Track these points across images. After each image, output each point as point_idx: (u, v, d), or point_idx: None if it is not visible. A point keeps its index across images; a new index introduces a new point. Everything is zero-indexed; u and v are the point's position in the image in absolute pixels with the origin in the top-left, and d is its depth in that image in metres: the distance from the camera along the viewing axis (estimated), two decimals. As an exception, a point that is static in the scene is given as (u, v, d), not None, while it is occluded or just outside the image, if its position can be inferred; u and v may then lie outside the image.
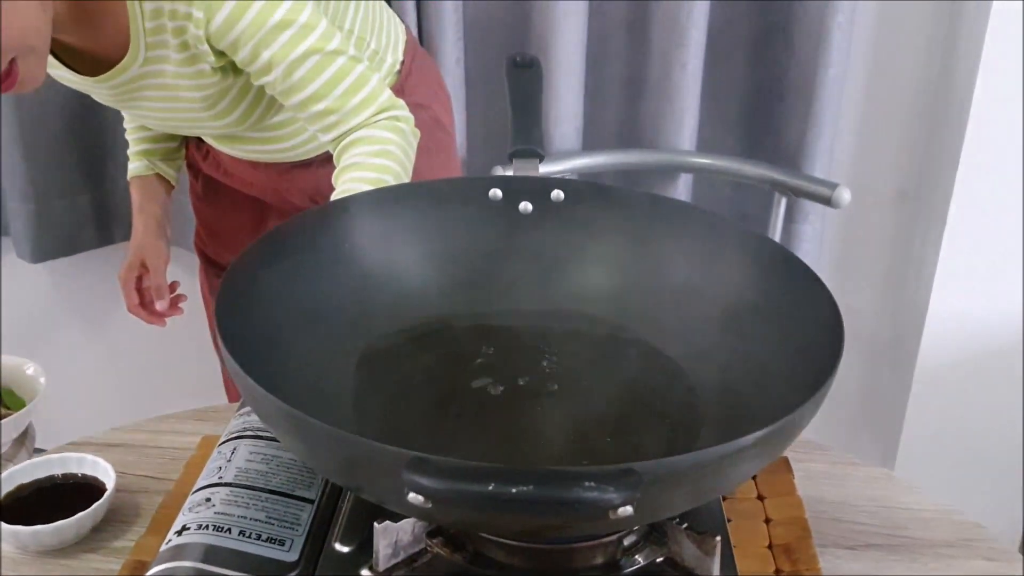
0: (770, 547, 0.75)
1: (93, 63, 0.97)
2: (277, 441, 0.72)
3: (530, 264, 0.83)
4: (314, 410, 0.53)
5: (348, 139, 0.95)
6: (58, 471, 0.80)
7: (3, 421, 1.27)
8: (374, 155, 0.93)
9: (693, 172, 1.54)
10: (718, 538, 0.61)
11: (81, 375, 1.66)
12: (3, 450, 1.30)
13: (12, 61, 0.83)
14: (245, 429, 0.73)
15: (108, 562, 0.74)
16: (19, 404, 1.33)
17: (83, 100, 1.51)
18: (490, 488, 0.46)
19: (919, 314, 1.62)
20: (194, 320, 1.68)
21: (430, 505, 0.49)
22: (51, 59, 0.98)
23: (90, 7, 0.90)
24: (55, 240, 1.59)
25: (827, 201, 1.42)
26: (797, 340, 0.68)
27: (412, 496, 0.49)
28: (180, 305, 1.26)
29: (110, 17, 0.92)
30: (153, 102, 1.01)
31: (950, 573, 0.74)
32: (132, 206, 1.23)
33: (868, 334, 1.74)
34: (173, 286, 1.24)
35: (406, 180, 0.96)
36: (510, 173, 0.84)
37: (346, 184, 0.92)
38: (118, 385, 1.73)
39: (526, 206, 0.83)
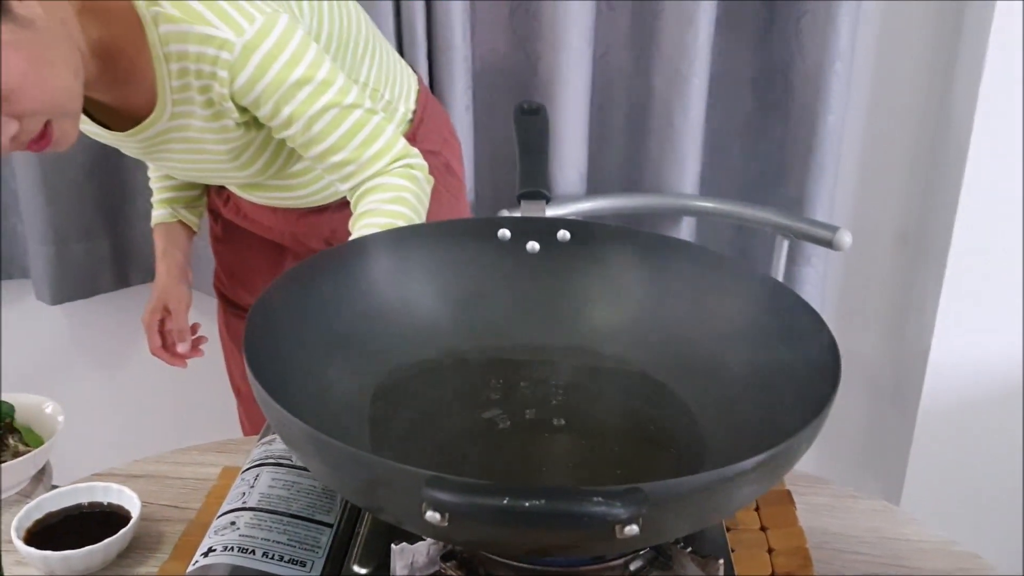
0: (773, 575, 0.78)
1: (121, 119, 1.02)
2: (298, 468, 0.75)
3: (538, 301, 0.87)
4: (334, 436, 0.57)
5: (365, 187, 0.99)
6: (85, 500, 0.83)
7: (22, 458, 1.30)
8: (389, 202, 0.97)
9: (696, 215, 1.58)
10: (721, 561, 0.64)
11: (98, 414, 1.69)
12: (22, 487, 1.33)
13: (47, 123, 0.87)
14: (267, 457, 0.76)
15: (132, 588, 0.77)
16: (37, 442, 1.36)
17: (104, 147, 1.57)
18: (504, 502, 0.49)
19: (921, 356, 1.65)
20: (211, 360, 1.72)
21: (446, 523, 0.52)
22: (82, 115, 1.03)
23: (120, 68, 0.95)
24: (74, 282, 1.63)
25: (828, 244, 1.45)
26: (797, 372, 0.71)
27: (430, 515, 0.52)
28: (201, 348, 1.29)
29: (138, 76, 0.96)
30: (179, 154, 1.06)
31: (947, 600, 0.76)
32: (156, 252, 1.27)
33: (871, 376, 1.77)
34: (194, 328, 1.27)
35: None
36: (518, 215, 0.88)
37: (362, 230, 0.96)
38: (135, 423, 1.76)
39: (533, 245, 0.87)
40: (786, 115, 1.54)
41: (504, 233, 0.87)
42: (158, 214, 1.28)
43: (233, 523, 0.69)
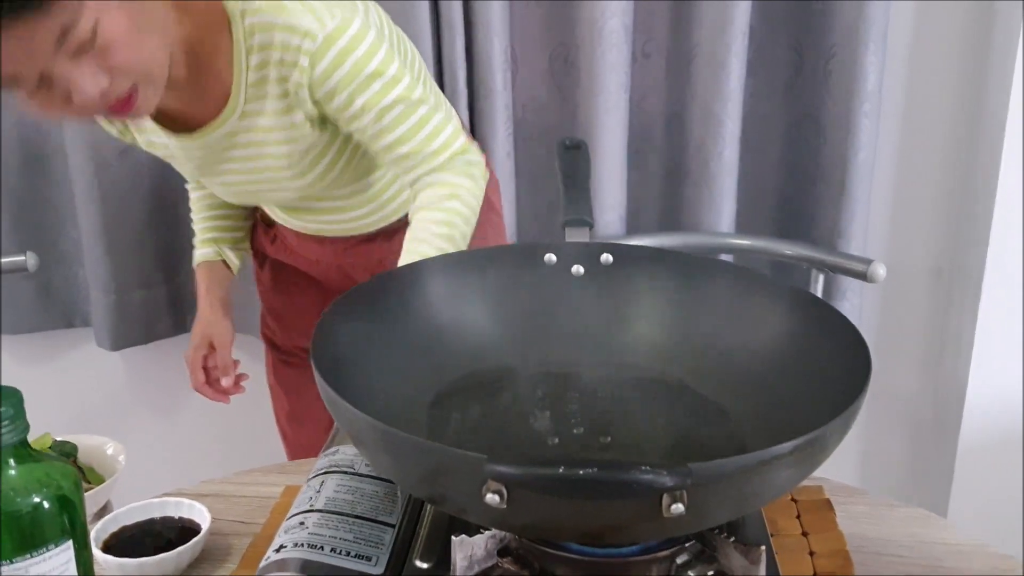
0: (815, 575, 0.81)
1: (186, 127, 1.09)
2: (361, 475, 0.80)
3: (583, 320, 0.92)
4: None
5: (425, 180, 1.07)
6: (158, 514, 0.88)
7: (85, 495, 1.36)
8: (445, 198, 1.05)
9: (733, 252, 1.62)
10: (762, 547, 0.67)
11: (157, 454, 1.74)
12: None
13: (134, 87, 0.94)
14: (331, 466, 0.81)
15: (205, 593, 0.81)
16: (99, 480, 1.42)
17: (162, 197, 1.65)
18: (560, 471, 0.54)
19: (959, 389, 1.66)
20: (260, 402, 1.77)
21: (505, 505, 0.57)
22: (148, 122, 1.10)
23: (197, 68, 1.02)
24: (133, 329, 1.69)
25: (863, 276, 1.48)
26: (829, 374, 0.75)
27: (489, 497, 0.56)
28: (243, 384, 1.34)
29: (212, 78, 1.03)
30: (239, 162, 1.11)
31: (986, 598, 0.78)
32: (199, 290, 1.34)
33: (910, 411, 1.78)
34: (235, 364, 1.33)
35: (473, 221, 1.07)
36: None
37: (418, 224, 1.04)
38: (192, 463, 1.81)
39: (578, 269, 0.92)
40: (817, 155, 1.59)
41: (550, 257, 0.92)
42: (202, 253, 1.35)
43: (302, 523, 0.74)
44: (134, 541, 0.85)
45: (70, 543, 0.65)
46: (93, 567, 0.70)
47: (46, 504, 0.64)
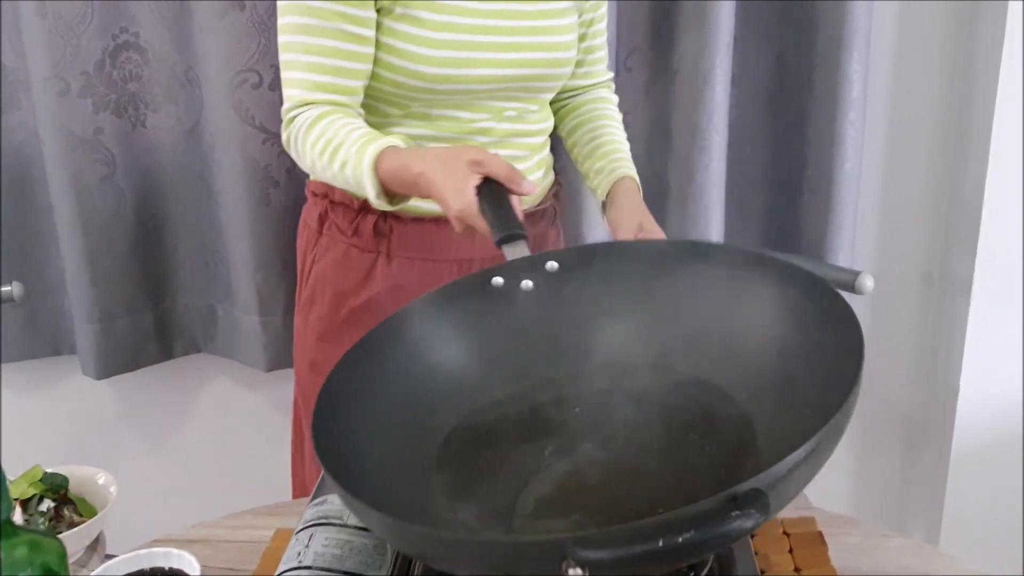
0: (809, 614, 0.80)
1: None
2: (350, 528, 0.79)
3: (550, 333, 0.89)
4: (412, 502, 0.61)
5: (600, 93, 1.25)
6: (146, 565, 0.87)
7: (77, 529, 1.35)
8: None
9: (720, 266, 1.62)
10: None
11: (149, 482, 1.73)
12: (77, 556, 1.37)
13: None
14: (320, 517, 0.80)
15: (195, 648, 0.81)
16: (91, 512, 1.41)
17: (145, 223, 1.64)
18: (659, 544, 0.54)
19: (951, 395, 1.66)
20: (253, 429, 1.77)
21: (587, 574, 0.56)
22: None
23: None
24: (119, 357, 1.67)
25: (851, 288, 1.48)
26: (825, 349, 0.75)
27: (572, 572, 0.56)
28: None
29: None
30: (530, 36, 1.09)
31: (981, 633, 0.78)
32: (406, 171, 0.94)
33: (903, 417, 1.78)
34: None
35: None
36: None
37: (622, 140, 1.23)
38: (184, 491, 1.80)
39: (527, 284, 0.90)
40: (803, 166, 1.59)
41: (497, 281, 0.90)
42: (375, 147, 0.96)
43: (291, 581, 0.73)
44: (124, 596, 0.84)
45: (55, 620, 0.64)
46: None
47: (30, 583, 0.63)
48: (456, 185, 0.89)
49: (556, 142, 1.28)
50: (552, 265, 0.90)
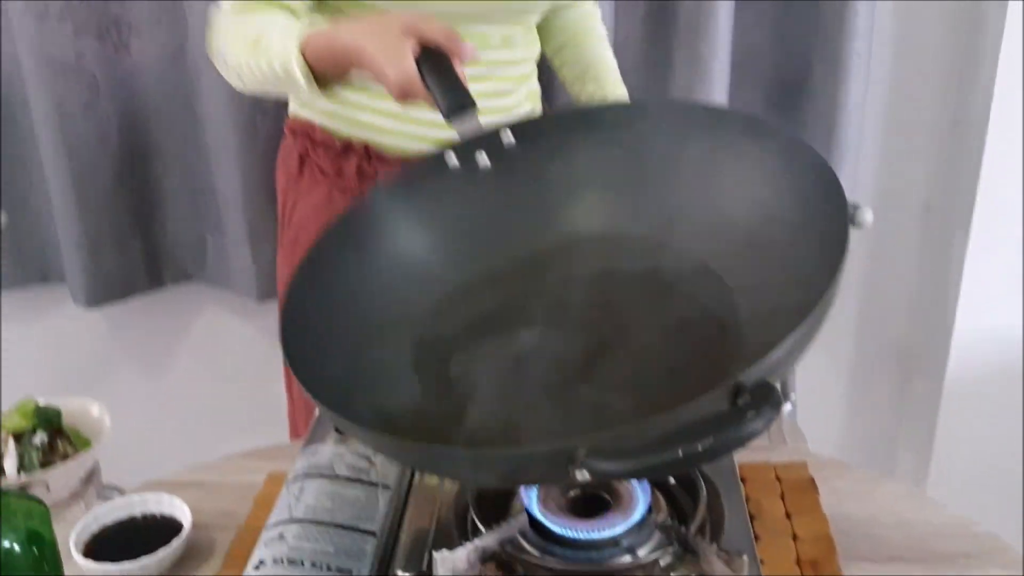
0: (798, 562, 0.81)
1: None
2: (342, 479, 0.79)
3: (514, 211, 0.85)
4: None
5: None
6: (138, 511, 0.88)
7: (72, 462, 1.35)
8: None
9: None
10: (745, 557, 0.67)
11: (142, 413, 1.74)
12: (73, 489, 1.38)
13: None
14: (311, 468, 0.80)
15: (188, 595, 0.81)
16: (85, 444, 1.41)
17: (132, 151, 1.60)
18: (679, 455, 0.53)
19: (947, 327, 1.66)
20: (249, 358, 1.77)
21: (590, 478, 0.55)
22: None
23: None
24: (108, 286, 1.66)
25: (850, 221, 1.46)
26: (809, 230, 0.72)
27: (578, 475, 0.55)
28: None
29: None
30: None
31: (967, 582, 0.79)
32: (333, 43, 0.87)
33: (898, 349, 1.78)
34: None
35: None
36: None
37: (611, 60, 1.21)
38: (179, 421, 1.81)
39: (483, 160, 0.83)
40: (808, 94, 1.55)
41: (451, 160, 0.82)
42: (296, 34, 0.89)
43: (281, 535, 0.73)
44: (115, 542, 0.84)
45: (44, 584, 0.64)
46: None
47: (16, 547, 0.62)
48: (392, 53, 0.80)
49: (543, 72, 1.25)
50: (509, 138, 0.83)
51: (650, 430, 0.55)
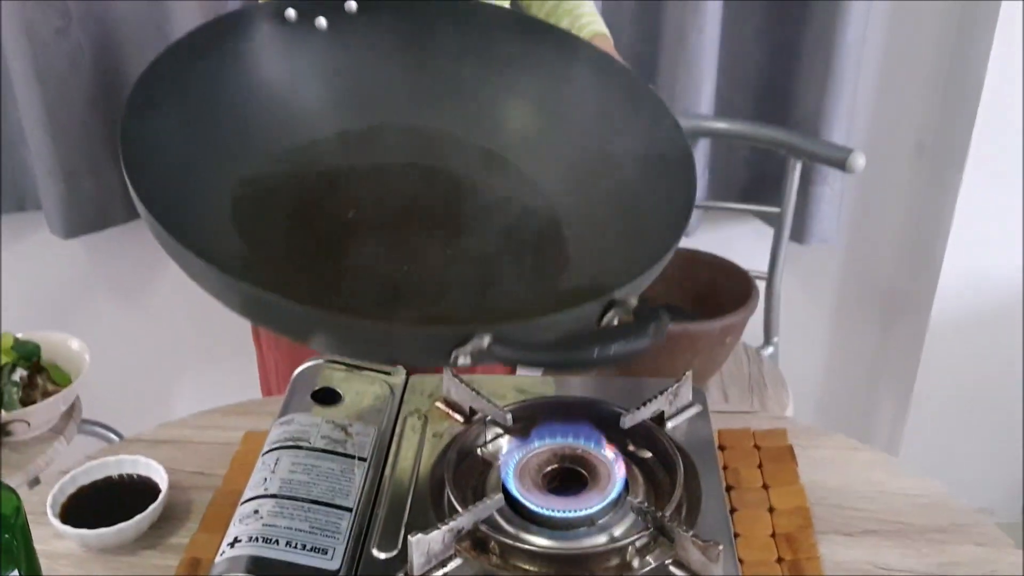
0: (773, 536, 0.81)
1: None
2: (316, 450, 0.78)
3: (340, 84, 0.83)
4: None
5: None
6: (115, 472, 0.87)
7: (52, 398, 1.35)
8: None
9: (709, 136, 1.57)
10: (721, 547, 0.66)
11: (121, 346, 1.73)
12: (53, 424, 1.38)
13: None
14: (286, 439, 0.79)
15: (166, 558, 0.81)
16: (64, 379, 1.41)
17: (106, 79, 1.55)
18: (595, 355, 0.58)
19: (934, 270, 1.65)
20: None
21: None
22: None
23: None
24: (85, 216, 1.63)
25: (842, 166, 1.44)
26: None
27: (461, 360, 0.58)
28: None
29: None
30: None
31: (941, 559, 0.79)
32: None
33: (885, 289, 1.78)
34: None
35: None
36: None
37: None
38: (158, 352, 1.80)
39: (320, 22, 0.81)
40: (804, 30, 1.51)
41: (289, 13, 0.80)
42: None
43: (256, 511, 0.72)
44: (92, 505, 0.84)
45: (15, 573, 0.64)
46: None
47: (-16, 538, 0.62)
48: None
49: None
50: (351, 5, 0.82)
51: (555, 325, 0.60)
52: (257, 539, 0.70)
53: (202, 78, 0.76)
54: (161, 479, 0.85)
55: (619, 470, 0.74)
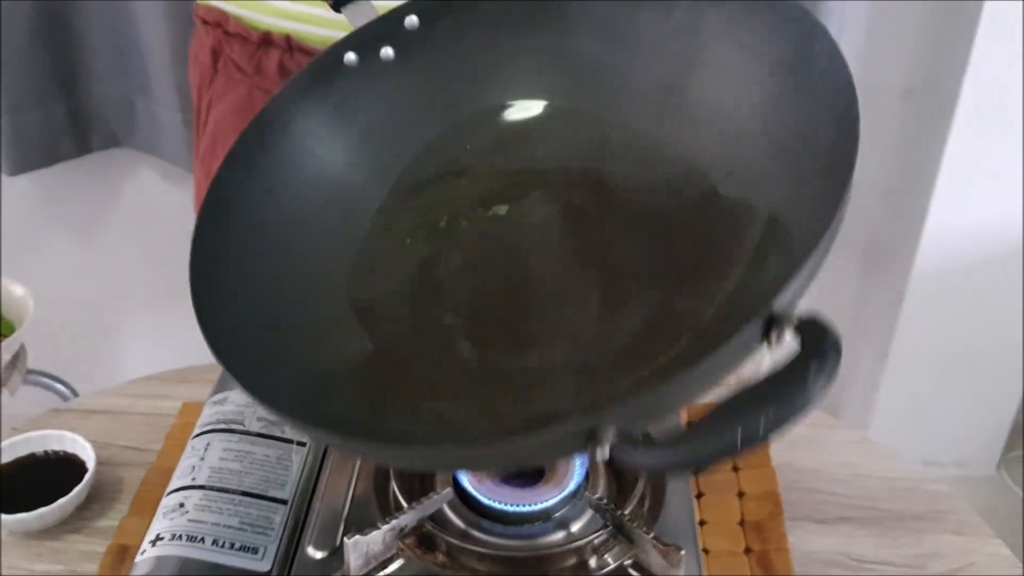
0: (742, 523, 0.76)
1: None
2: (251, 434, 0.72)
3: (439, 101, 0.73)
4: None
5: None
6: (39, 448, 0.81)
7: (-1, 345, 1.28)
8: None
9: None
10: (683, 552, 0.61)
11: (69, 289, 1.65)
12: (-2, 375, 1.31)
13: None
14: (219, 422, 0.73)
15: (92, 543, 0.76)
16: (8, 328, 1.34)
17: (51, 7, 1.45)
18: (738, 437, 0.44)
19: (919, 218, 1.60)
20: (183, 226, 1.67)
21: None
22: None
23: None
24: (32, 151, 1.54)
25: (826, 111, 1.37)
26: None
27: (599, 453, 0.45)
28: None
29: None
30: None
31: (918, 550, 0.75)
32: None
33: (868, 236, 1.72)
34: None
35: None
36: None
37: None
38: (110, 299, 1.73)
39: (387, 52, 0.71)
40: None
41: (350, 58, 0.71)
42: None
43: (182, 504, 0.67)
44: (13, 485, 0.78)
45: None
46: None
47: None
48: None
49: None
50: (412, 22, 0.71)
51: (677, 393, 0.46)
52: (181, 537, 0.64)
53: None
54: (88, 457, 0.79)
55: (579, 461, 0.69)
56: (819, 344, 0.45)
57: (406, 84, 0.72)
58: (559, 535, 0.66)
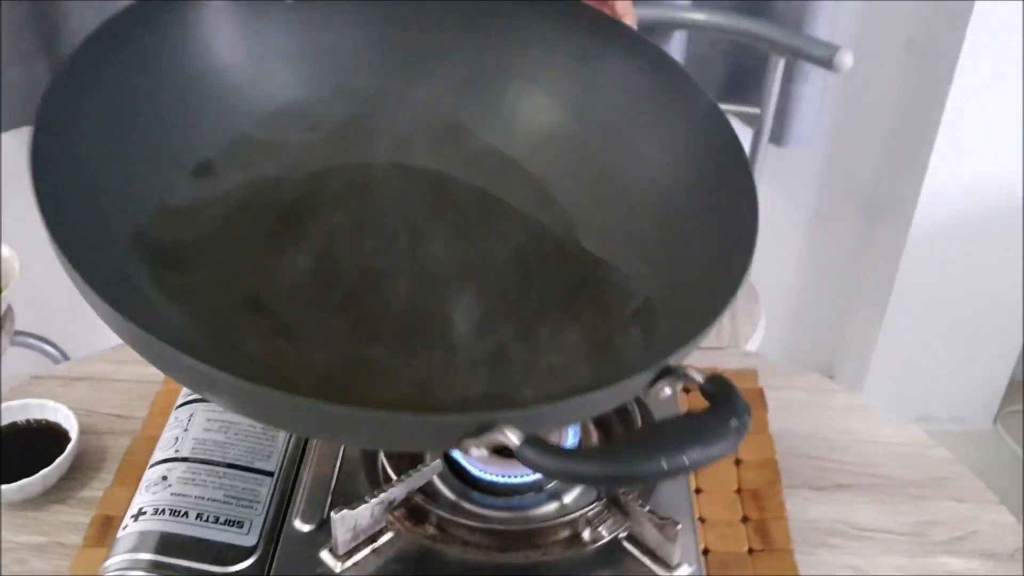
0: (739, 491, 0.75)
1: None
2: (235, 405, 0.70)
3: (337, 66, 0.68)
4: None
5: None
6: (20, 418, 0.79)
7: (-20, 309, 1.26)
8: None
9: (687, 28, 1.45)
10: (679, 526, 0.60)
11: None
12: (-17, 338, 1.29)
13: None
14: (202, 391, 0.71)
15: (76, 514, 0.74)
16: (-7, 290, 1.32)
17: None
18: (664, 466, 0.45)
19: (918, 173, 1.57)
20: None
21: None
22: None
23: None
24: (14, 109, 1.51)
25: (828, 65, 1.33)
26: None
27: (475, 451, 0.45)
28: None
29: None
30: None
31: (919, 518, 0.74)
32: None
33: (866, 194, 1.70)
34: None
35: None
36: None
37: None
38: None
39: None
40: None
41: None
42: None
43: (165, 477, 0.65)
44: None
45: None
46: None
47: None
48: None
49: None
50: None
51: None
52: (164, 511, 0.63)
53: (131, 72, 0.61)
54: (71, 426, 0.78)
55: (572, 431, 0.67)
56: (731, 403, 0.49)
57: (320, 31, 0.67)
58: (552, 507, 0.65)
